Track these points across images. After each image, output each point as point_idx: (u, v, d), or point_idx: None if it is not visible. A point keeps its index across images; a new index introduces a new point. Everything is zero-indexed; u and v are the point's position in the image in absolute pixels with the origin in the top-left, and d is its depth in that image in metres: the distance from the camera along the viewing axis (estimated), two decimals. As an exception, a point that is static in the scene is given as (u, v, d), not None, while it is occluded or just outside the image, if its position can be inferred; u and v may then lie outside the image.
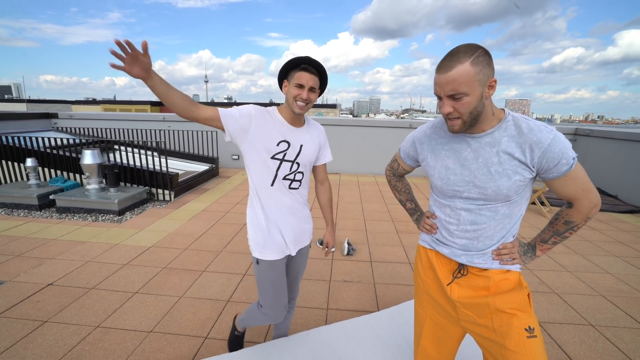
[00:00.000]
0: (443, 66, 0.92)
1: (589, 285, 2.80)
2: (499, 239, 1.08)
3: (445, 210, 1.13)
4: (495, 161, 1.00)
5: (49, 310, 2.25)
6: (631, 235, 3.97)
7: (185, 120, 4.86)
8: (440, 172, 1.10)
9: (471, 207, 1.07)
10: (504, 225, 1.06)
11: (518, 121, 0.99)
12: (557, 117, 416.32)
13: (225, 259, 3.08)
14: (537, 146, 0.95)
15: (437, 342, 1.23)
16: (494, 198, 1.02)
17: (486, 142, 1.01)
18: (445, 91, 0.93)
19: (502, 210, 1.04)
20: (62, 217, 4.05)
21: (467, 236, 1.09)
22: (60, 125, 7.63)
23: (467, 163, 1.04)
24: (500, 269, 1.08)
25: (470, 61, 0.89)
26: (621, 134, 5.74)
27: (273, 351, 1.81)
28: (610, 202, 5.26)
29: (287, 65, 1.35)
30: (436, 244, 1.19)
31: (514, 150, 0.98)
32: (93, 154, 4.30)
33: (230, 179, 6.41)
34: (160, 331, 2.10)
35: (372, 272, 2.92)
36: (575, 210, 1.04)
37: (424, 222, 1.25)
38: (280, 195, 1.45)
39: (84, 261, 2.96)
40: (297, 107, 1.34)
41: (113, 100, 40.73)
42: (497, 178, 1.00)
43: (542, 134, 0.94)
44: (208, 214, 4.33)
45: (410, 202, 1.40)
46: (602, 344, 2.08)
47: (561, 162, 0.94)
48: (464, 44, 0.94)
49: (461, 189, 1.06)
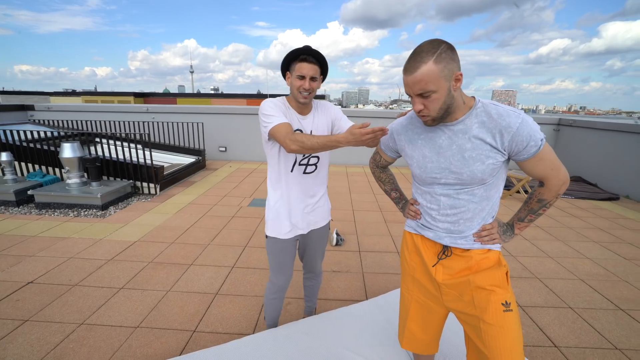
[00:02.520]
0: (408, 68, 0.96)
1: (569, 269, 2.90)
2: (479, 221, 1.13)
3: (426, 196, 1.19)
4: (469, 147, 1.04)
5: (29, 309, 2.19)
6: (609, 222, 4.11)
7: (170, 112, 4.79)
8: (418, 160, 1.16)
9: (449, 192, 1.12)
10: (483, 207, 1.11)
11: (487, 107, 1.03)
12: (542, 107, 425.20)
13: (213, 252, 3.06)
14: (506, 130, 0.99)
15: (424, 324, 1.29)
16: (470, 182, 1.07)
17: (459, 130, 1.05)
18: (414, 91, 0.98)
19: (479, 193, 1.09)
20: (41, 213, 3.93)
21: (449, 220, 1.14)
22: (37, 117, 7.34)
23: (442, 150, 1.09)
24: (482, 249, 1.14)
25: (433, 60, 0.92)
26: (602, 124, 5.90)
27: (262, 342, 1.81)
28: (591, 190, 5.43)
29: (287, 57, 1.43)
30: (421, 228, 1.24)
31: (485, 136, 1.02)
32: (73, 147, 4.16)
33: (217, 171, 6.32)
34: (147, 326, 2.07)
35: (361, 262, 2.95)
36: (546, 189, 1.10)
37: (409, 209, 1.30)
38: (296, 180, 1.56)
39: (66, 258, 2.88)
40: (301, 97, 1.43)
41: (94, 91, 39.41)
42: (471, 163, 1.04)
43: (510, 119, 0.99)
44: (195, 207, 4.27)
45: (395, 192, 1.45)
46: (579, 325, 2.17)
47: (530, 144, 1.00)
48: (427, 42, 0.95)
49: (438, 175, 1.11)
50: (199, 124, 6.81)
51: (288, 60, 1.44)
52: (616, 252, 3.27)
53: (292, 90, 1.46)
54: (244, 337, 1.87)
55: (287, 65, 1.46)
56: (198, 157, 6.41)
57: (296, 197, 1.58)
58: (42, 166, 4.83)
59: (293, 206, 1.59)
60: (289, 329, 1.91)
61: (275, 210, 1.59)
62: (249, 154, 7.39)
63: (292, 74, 1.43)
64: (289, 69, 1.45)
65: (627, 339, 2.05)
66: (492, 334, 1.06)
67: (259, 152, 7.14)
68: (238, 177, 5.91)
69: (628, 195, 5.16)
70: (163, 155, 6.25)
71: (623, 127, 5.40)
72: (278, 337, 1.84)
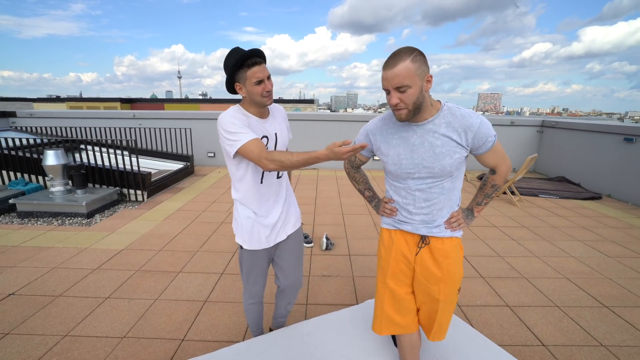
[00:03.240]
0: (389, 64, 1.10)
1: (555, 269, 2.96)
2: (449, 209, 1.32)
3: (401, 192, 1.34)
4: (439, 144, 1.20)
5: (10, 322, 2.12)
6: (593, 221, 4.22)
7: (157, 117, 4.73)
8: (393, 158, 1.28)
9: (422, 187, 1.28)
10: (450, 197, 1.30)
11: (452, 110, 1.20)
12: (526, 109, 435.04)
13: (202, 259, 3.01)
14: (469, 129, 1.18)
15: (400, 309, 1.42)
16: (440, 175, 1.24)
17: (429, 129, 1.21)
18: (392, 84, 1.10)
19: (447, 185, 1.27)
20: (24, 222, 3.82)
21: (424, 212, 1.31)
22: (20, 124, 7.16)
23: (415, 148, 1.23)
24: (451, 236, 1.34)
25: (410, 59, 1.07)
26: (583, 125, 6.07)
27: (253, 348, 1.79)
28: (574, 190, 5.57)
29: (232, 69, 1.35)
30: (398, 223, 1.38)
31: (452, 134, 1.19)
32: (56, 154, 4.06)
33: (206, 177, 6.26)
34: (134, 336, 2.02)
35: (351, 266, 2.95)
36: (498, 175, 1.34)
37: (384, 207, 1.42)
38: (269, 188, 1.52)
39: (50, 268, 2.80)
40: (267, 100, 1.39)
41: (79, 97, 38.67)
42: (442, 158, 1.21)
43: (472, 120, 1.18)
44: (183, 214, 4.21)
45: (368, 191, 1.57)
46: (566, 324, 2.21)
47: (487, 140, 1.20)
48: (404, 47, 1.11)
49: (412, 170, 1.26)
50: (187, 130, 6.74)
51: (233, 72, 1.36)
52: (600, 250, 3.35)
53: (253, 96, 1.38)
54: (234, 345, 1.85)
55: (232, 76, 1.38)
56: (186, 163, 6.34)
57: (276, 204, 1.56)
58: (25, 174, 4.70)
59: (272, 215, 1.55)
60: (278, 335, 1.90)
61: (251, 221, 1.52)
62: (239, 159, 7.34)
63: (244, 83, 1.36)
64: (237, 79, 1.38)
65: (611, 335, 2.10)
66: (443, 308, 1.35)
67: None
68: (227, 183, 5.86)
69: (610, 194, 5.32)
70: (150, 162, 6.16)
71: (604, 129, 5.57)
72: (268, 344, 1.83)
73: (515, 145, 7.22)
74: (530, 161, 4.64)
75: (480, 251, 3.29)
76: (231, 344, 1.87)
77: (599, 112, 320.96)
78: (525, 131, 7.23)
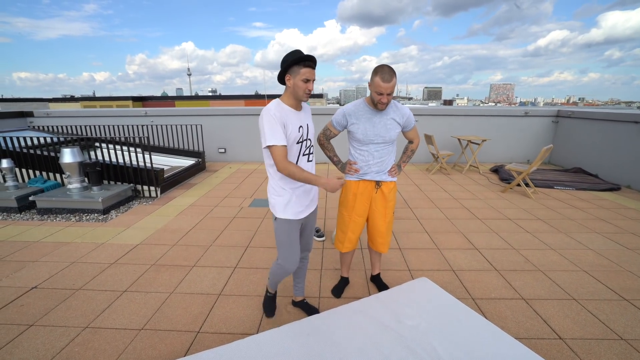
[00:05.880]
0: (386, 79, 1.82)
1: (572, 261, 2.89)
2: (391, 162, 2.16)
3: (364, 153, 2.09)
4: (389, 123, 2.04)
5: (34, 314, 2.20)
6: (611, 212, 4.11)
7: (168, 114, 4.82)
8: (362, 130, 2.04)
9: (378, 149, 2.07)
10: (391, 156, 2.15)
11: (395, 104, 2.06)
12: (540, 100, 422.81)
13: (215, 253, 3.06)
14: (404, 115, 2.07)
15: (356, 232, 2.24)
16: (389, 141, 2.07)
17: (384, 114, 2.03)
18: (386, 92, 1.86)
19: (390, 148, 2.12)
20: (43, 219, 3.94)
21: (378, 165, 2.11)
22: (37, 124, 7.35)
23: (376, 124, 2.02)
24: (392, 181, 2.19)
25: (395, 77, 1.84)
26: (600, 115, 5.88)
27: (266, 341, 1.81)
28: (591, 181, 5.42)
29: (293, 60, 1.59)
30: (362, 175, 2.14)
31: (395, 117, 2.05)
32: (73, 152, 4.16)
33: (217, 173, 6.32)
34: (152, 328, 2.07)
35: (363, 259, 2.95)
36: (415, 144, 2.29)
37: (349, 168, 2.16)
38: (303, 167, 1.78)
39: (69, 262, 2.89)
40: (306, 97, 1.67)
41: (93, 96, 39.44)
42: (391, 130, 2.04)
43: (405, 110, 2.07)
44: (196, 209, 4.27)
45: (336, 157, 2.28)
46: (584, 317, 2.17)
47: (412, 122, 2.12)
48: (389, 66, 1.84)
49: (374, 138, 2.04)
50: (198, 126, 6.81)
51: (292, 63, 1.59)
52: (619, 242, 3.26)
53: (295, 90, 1.65)
54: (248, 337, 1.87)
55: (286, 69, 1.62)
56: (198, 159, 6.41)
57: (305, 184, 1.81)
58: (43, 172, 4.84)
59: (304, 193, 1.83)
60: (292, 329, 1.92)
61: (289, 195, 1.77)
62: (249, 154, 7.39)
63: (294, 76, 1.62)
64: (290, 71, 1.62)
65: (632, 329, 2.05)
66: (387, 225, 2.26)
67: (258, 152, 7.13)
68: (238, 178, 5.91)
69: (629, 185, 5.15)
70: (163, 158, 6.25)
71: (622, 117, 5.38)
72: (282, 337, 1.84)
73: (530, 136, 7.05)
74: (545, 152, 4.51)
75: (494, 244, 3.24)
76: (245, 337, 1.90)
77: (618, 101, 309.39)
78: (539, 122, 7.04)
